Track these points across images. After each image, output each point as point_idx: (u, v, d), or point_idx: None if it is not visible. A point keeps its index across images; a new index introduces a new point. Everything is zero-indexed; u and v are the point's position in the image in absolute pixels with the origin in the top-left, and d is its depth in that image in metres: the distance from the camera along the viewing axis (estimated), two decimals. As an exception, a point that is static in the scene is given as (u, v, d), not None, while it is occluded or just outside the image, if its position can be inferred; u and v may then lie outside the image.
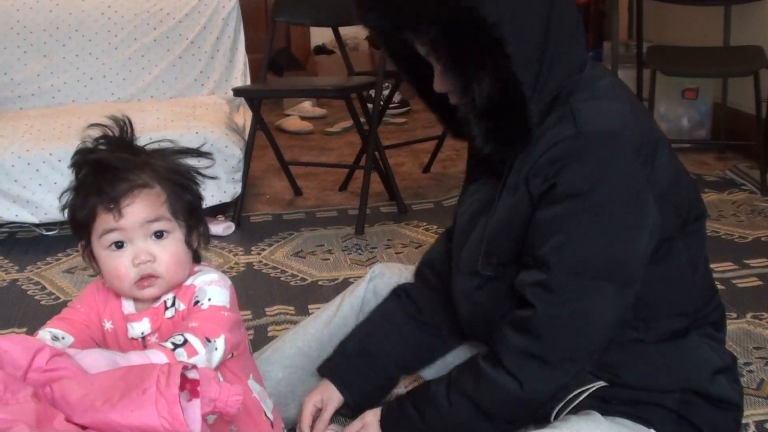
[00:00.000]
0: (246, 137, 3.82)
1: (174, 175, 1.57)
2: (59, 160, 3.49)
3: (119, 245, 1.54)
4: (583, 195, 1.46)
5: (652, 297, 1.56)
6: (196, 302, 1.56)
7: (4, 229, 3.68)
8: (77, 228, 1.59)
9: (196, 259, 1.65)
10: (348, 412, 1.87)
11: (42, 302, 2.92)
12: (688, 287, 1.61)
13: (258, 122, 3.75)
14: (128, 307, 1.62)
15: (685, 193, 1.59)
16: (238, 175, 3.64)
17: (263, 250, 3.34)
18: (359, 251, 3.28)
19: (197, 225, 1.62)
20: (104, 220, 1.52)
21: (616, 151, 1.46)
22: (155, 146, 1.60)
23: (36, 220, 3.57)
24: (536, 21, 1.46)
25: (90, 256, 1.60)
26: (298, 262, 3.20)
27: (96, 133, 1.56)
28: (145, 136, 1.62)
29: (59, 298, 2.94)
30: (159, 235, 1.55)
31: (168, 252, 1.55)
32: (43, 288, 3.04)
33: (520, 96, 1.47)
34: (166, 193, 1.55)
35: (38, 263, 3.31)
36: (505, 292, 1.60)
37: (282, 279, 3.03)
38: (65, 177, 3.47)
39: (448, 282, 1.77)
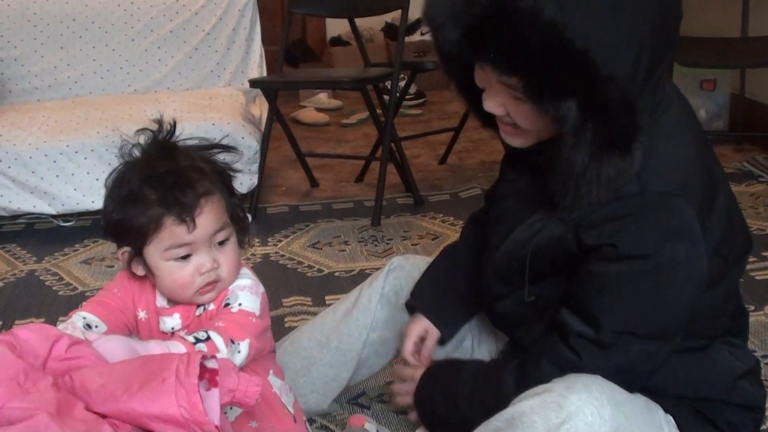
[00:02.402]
0: (262, 129, 3.83)
1: (222, 177, 1.56)
2: (76, 152, 3.51)
3: (185, 257, 1.52)
4: (641, 258, 1.42)
5: None
6: (227, 304, 1.56)
7: (21, 220, 3.70)
8: (124, 235, 1.54)
9: None
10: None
11: (60, 293, 2.93)
12: (719, 315, 1.60)
13: (274, 114, 3.75)
14: (161, 301, 1.62)
15: (737, 241, 1.56)
16: (255, 167, 3.64)
17: (280, 241, 3.35)
18: (376, 243, 3.28)
19: (246, 223, 1.62)
20: (173, 234, 1.49)
21: (678, 214, 1.41)
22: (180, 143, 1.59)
23: (53, 211, 3.59)
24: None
25: (136, 263, 1.57)
26: (315, 253, 3.21)
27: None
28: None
29: (77, 289, 2.95)
30: (221, 242, 1.54)
31: (229, 257, 1.55)
32: (61, 279, 3.06)
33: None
34: (224, 198, 1.54)
35: (56, 254, 3.32)
36: (534, 307, 1.60)
37: (299, 270, 3.03)
38: (82, 168, 3.53)
39: None
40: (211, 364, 1.27)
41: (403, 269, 2.00)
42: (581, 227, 1.46)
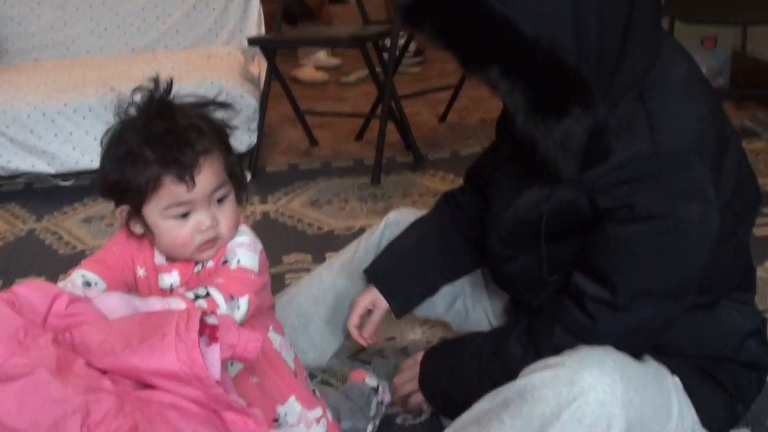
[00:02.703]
0: (261, 87, 3.81)
1: (220, 135, 1.54)
2: (74, 111, 3.50)
3: (185, 215, 1.52)
4: (657, 219, 1.41)
5: None
6: (225, 262, 1.56)
7: (20, 180, 3.69)
8: (122, 194, 1.53)
9: None
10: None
11: (60, 252, 2.93)
12: (728, 271, 1.58)
13: (273, 72, 3.73)
14: (160, 258, 1.61)
15: (747, 195, 1.55)
16: (254, 125, 3.63)
17: (279, 199, 3.34)
18: (375, 200, 3.28)
19: (243, 182, 1.61)
20: (173, 192, 1.48)
21: (694, 172, 1.40)
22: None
23: (52, 171, 3.58)
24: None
25: (135, 222, 1.56)
26: (315, 211, 3.20)
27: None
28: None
29: (76, 248, 2.95)
30: (220, 200, 1.53)
31: (227, 215, 1.54)
32: (61, 237, 3.06)
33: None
34: (222, 156, 1.53)
35: (55, 213, 3.32)
36: (539, 267, 1.59)
37: (299, 228, 3.03)
38: (80, 128, 3.52)
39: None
40: (210, 320, 1.27)
41: (399, 224, 1.98)
42: (595, 191, 1.43)
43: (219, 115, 1.59)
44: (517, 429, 1.40)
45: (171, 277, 1.59)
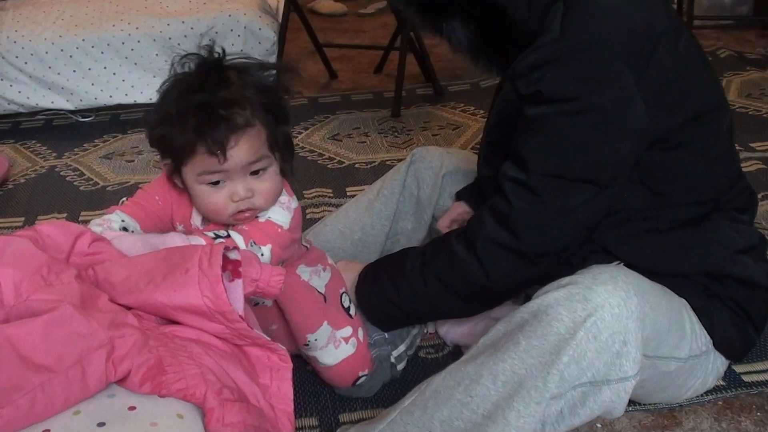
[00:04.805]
0: (279, 19, 3.77)
1: (270, 104, 1.52)
2: (92, 46, 3.48)
3: (217, 183, 1.50)
4: (564, 102, 1.44)
5: (662, 187, 1.55)
6: (256, 218, 1.56)
7: (40, 117, 3.68)
8: (165, 150, 1.53)
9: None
10: None
11: (81, 188, 2.93)
12: (701, 177, 1.58)
13: (291, 4, 3.69)
14: (196, 219, 1.61)
15: (686, 92, 1.52)
16: (273, 58, 3.60)
17: (299, 133, 3.33)
18: (396, 134, 3.26)
19: (291, 152, 1.59)
20: (206, 161, 1.46)
21: (599, 58, 1.42)
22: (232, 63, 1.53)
23: (72, 107, 3.58)
24: None
25: (176, 177, 1.56)
26: (335, 145, 3.19)
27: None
28: (177, 20, 1.58)
29: (98, 184, 2.95)
30: (256, 172, 1.51)
31: (266, 186, 1.53)
32: (82, 174, 3.06)
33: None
34: (266, 129, 1.50)
35: (75, 150, 3.31)
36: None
37: (319, 162, 3.02)
38: (99, 63, 3.51)
39: None
40: (233, 255, 1.27)
41: (424, 160, 1.99)
42: (515, 78, 1.50)
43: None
44: (533, 349, 1.41)
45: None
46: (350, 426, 1.62)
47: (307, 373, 1.84)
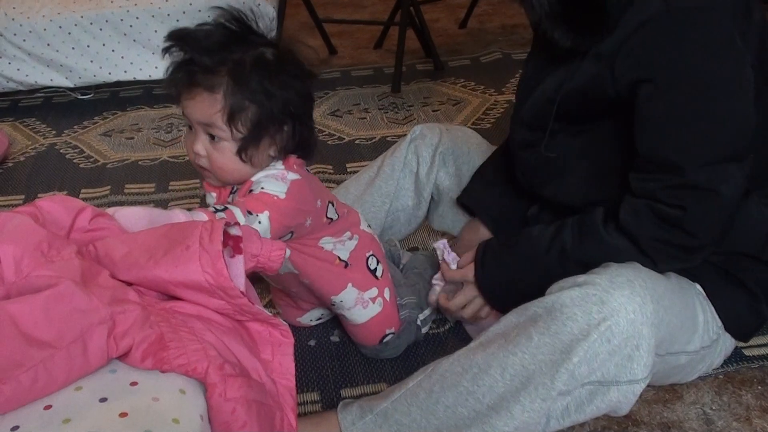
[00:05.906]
0: (278, -5, 3.76)
1: (260, 88, 1.54)
2: (91, 23, 3.47)
3: (190, 127, 1.60)
4: (687, 83, 1.39)
5: None
6: (250, 191, 1.58)
7: (39, 94, 3.68)
8: None
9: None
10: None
11: (81, 165, 2.93)
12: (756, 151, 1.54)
13: (290, -21, 3.67)
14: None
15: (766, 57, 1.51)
16: (272, 34, 3.56)
17: (299, 110, 3.32)
18: (396, 110, 3.25)
19: (258, 139, 1.58)
20: (182, 104, 1.59)
21: (713, 26, 1.37)
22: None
23: (71, 84, 3.57)
24: None
25: None
26: (335, 121, 3.18)
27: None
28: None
29: (98, 161, 2.95)
30: (212, 137, 1.57)
31: (216, 155, 1.58)
32: (81, 151, 3.05)
33: None
34: (228, 103, 1.52)
35: (75, 127, 3.31)
36: (569, 148, 1.58)
37: (320, 138, 3.01)
38: (98, 40, 3.49)
39: None
40: (234, 231, 1.27)
41: (425, 138, 1.99)
42: (615, 62, 1.44)
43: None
44: (545, 346, 1.40)
45: (210, 197, 1.68)
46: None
47: (308, 348, 1.85)
